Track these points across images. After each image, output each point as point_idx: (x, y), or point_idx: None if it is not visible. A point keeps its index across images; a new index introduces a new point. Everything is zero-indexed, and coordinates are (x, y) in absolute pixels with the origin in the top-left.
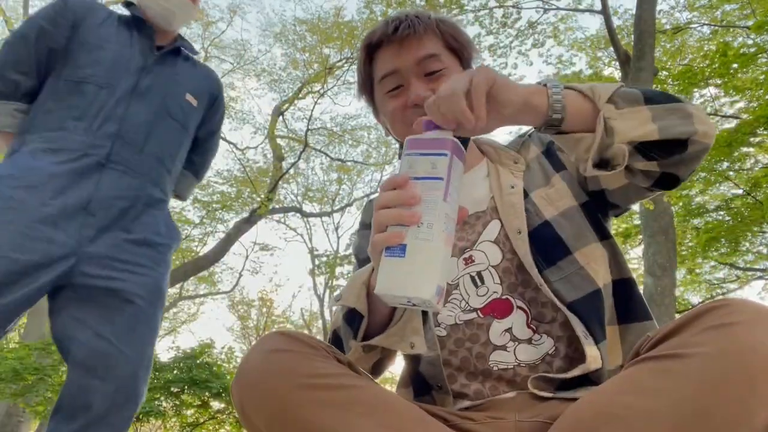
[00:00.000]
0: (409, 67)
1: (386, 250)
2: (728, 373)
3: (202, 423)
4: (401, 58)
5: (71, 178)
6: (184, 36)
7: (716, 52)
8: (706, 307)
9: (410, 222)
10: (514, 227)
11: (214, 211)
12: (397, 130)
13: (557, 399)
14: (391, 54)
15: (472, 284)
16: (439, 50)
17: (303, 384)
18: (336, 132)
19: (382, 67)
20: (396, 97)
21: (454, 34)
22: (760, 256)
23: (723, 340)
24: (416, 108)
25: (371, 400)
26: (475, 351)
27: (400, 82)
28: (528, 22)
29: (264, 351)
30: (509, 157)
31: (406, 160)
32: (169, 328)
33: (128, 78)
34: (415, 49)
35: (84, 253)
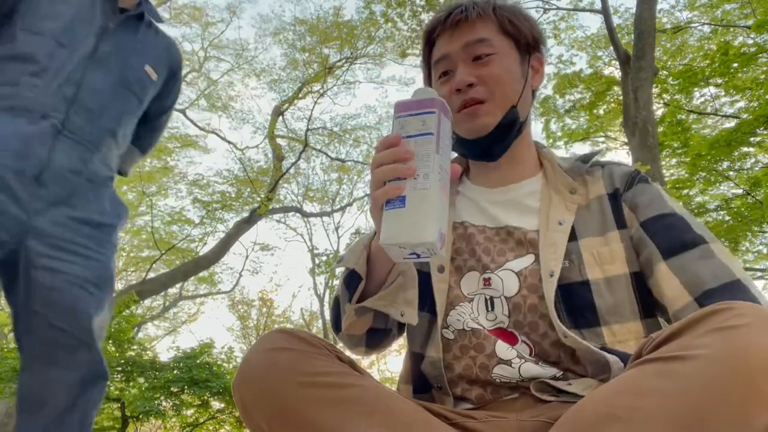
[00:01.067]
0: (457, 52)
1: (387, 203)
2: (730, 376)
3: (202, 423)
4: (451, 44)
5: (26, 143)
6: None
7: (717, 51)
8: (710, 310)
9: (407, 174)
10: (548, 268)
11: (214, 211)
12: None
13: (559, 401)
14: (443, 40)
15: (485, 307)
16: (491, 35)
17: (304, 382)
18: (336, 132)
19: (435, 53)
20: (446, 82)
21: (512, 19)
22: (760, 256)
23: (726, 342)
24: (458, 93)
25: (372, 399)
26: (479, 361)
27: (449, 67)
28: None
29: (265, 349)
30: (566, 185)
31: (397, 122)
32: (169, 328)
33: (88, 39)
34: (465, 34)
35: (33, 229)
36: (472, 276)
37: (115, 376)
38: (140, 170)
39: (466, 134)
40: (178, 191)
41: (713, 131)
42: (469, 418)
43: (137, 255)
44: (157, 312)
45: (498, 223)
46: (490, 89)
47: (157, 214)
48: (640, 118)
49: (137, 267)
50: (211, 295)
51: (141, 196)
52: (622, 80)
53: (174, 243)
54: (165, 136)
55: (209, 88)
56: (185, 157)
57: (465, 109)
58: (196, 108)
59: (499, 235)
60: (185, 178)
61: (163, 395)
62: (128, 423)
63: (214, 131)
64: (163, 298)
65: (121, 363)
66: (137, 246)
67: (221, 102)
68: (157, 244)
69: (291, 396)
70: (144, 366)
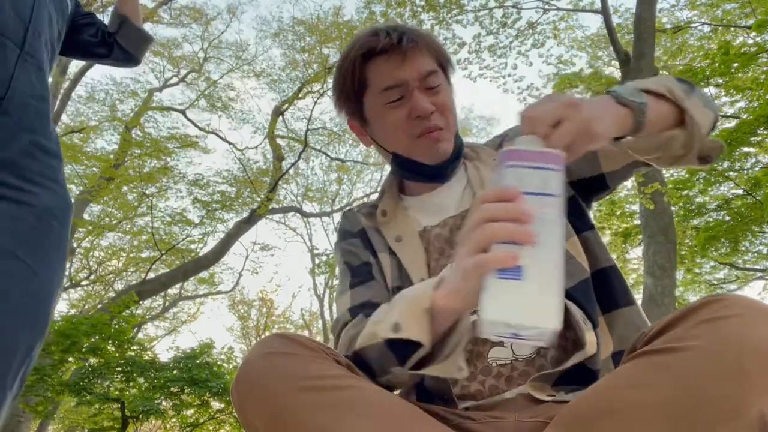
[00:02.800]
0: (414, 80)
1: (496, 272)
2: (722, 366)
3: (202, 423)
4: (406, 71)
5: None
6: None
7: (717, 51)
8: (701, 302)
9: (526, 240)
10: None
11: (214, 211)
12: (397, 140)
13: (556, 401)
14: (393, 65)
15: None
16: (435, 66)
17: (302, 386)
18: (336, 132)
19: (384, 77)
20: (397, 108)
21: (443, 53)
22: (760, 256)
23: (717, 333)
24: (418, 120)
25: (370, 402)
26: (475, 351)
27: (402, 94)
28: (528, 22)
29: (263, 353)
30: (489, 155)
31: (509, 172)
32: (169, 328)
33: None
34: (419, 63)
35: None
36: None
37: (115, 376)
38: (140, 171)
39: (427, 159)
40: (178, 191)
41: None
42: (467, 419)
43: (137, 255)
44: (157, 312)
45: (450, 211)
46: (446, 117)
47: (158, 215)
48: None
49: (137, 267)
50: (211, 295)
51: (141, 196)
52: (621, 80)
53: (174, 244)
54: (165, 136)
55: (209, 89)
56: (185, 157)
57: (428, 135)
58: (196, 108)
59: (455, 219)
60: (185, 178)
61: (163, 395)
62: (128, 423)
63: (214, 132)
64: (163, 298)
65: (121, 363)
66: (137, 246)
67: (221, 102)
68: (157, 245)
69: (288, 400)
70: (144, 366)
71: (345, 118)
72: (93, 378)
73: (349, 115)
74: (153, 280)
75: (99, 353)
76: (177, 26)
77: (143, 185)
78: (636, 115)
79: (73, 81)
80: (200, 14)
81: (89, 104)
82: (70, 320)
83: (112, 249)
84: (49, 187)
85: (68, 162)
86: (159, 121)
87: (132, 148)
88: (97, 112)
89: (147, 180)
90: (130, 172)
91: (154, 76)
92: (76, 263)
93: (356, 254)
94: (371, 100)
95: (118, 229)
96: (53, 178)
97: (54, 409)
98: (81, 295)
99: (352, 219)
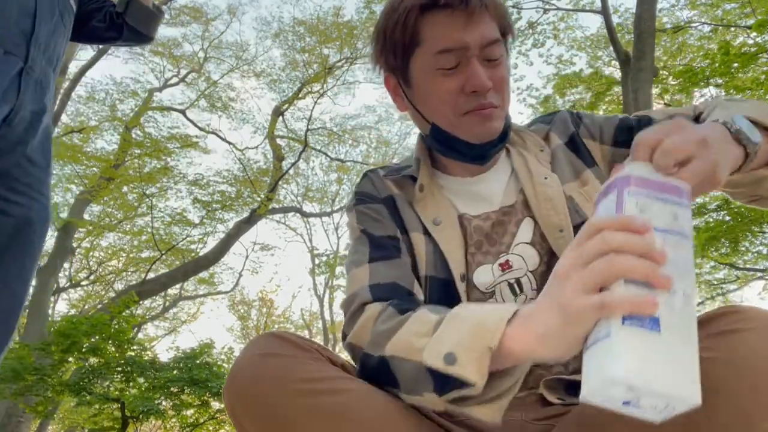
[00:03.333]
0: (476, 48)
1: (624, 319)
2: (734, 380)
3: (202, 423)
4: (469, 35)
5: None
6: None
7: (717, 51)
8: (715, 313)
9: (662, 285)
10: (554, 225)
11: (214, 211)
12: (442, 112)
13: (565, 404)
14: (456, 26)
15: (511, 293)
16: (499, 35)
17: (294, 389)
18: (336, 132)
19: (442, 38)
20: (450, 76)
21: (507, 18)
22: (760, 256)
23: (731, 346)
24: (473, 95)
25: (365, 405)
26: None
27: (459, 60)
28: (528, 22)
29: (255, 354)
30: (535, 144)
31: (631, 199)
32: (169, 328)
33: None
34: (485, 28)
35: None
36: (483, 270)
37: (115, 376)
38: (140, 171)
39: (473, 138)
40: (178, 191)
41: None
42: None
43: (137, 256)
44: (157, 312)
45: (493, 204)
46: (502, 95)
47: (158, 215)
48: None
49: (137, 267)
50: (211, 295)
51: (141, 197)
52: (622, 81)
53: (174, 244)
54: (165, 136)
55: (209, 89)
56: (185, 157)
57: (480, 112)
58: (196, 109)
59: (498, 214)
60: (185, 178)
61: (163, 395)
62: (128, 423)
63: (214, 132)
64: (163, 298)
65: (121, 363)
66: (137, 247)
67: (221, 102)
68: (157, 245)
69: (281, 402)
70: (144, 366)
71: (381, 73)
72: (93, 378)
73: (389, 71)
74: (153, 280)
75: (99, 353)
76: (177, 26)
77: (143, 185)
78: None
79: (73, 81)
80: (200, 14)
81: (89, 104)
82: (70, 320)
83: (112, 249)
84: (33, 197)
85: (68, 162)
86: (159, 121)
87: (132, 148)
88: (97, 112)
89: (147, 180)
90: (130, 172)
91: (154, 76)
92: (76, 263)
93: (380, 222)
94: (421, 61)
95: (118, 229)
96: (39, 190)
97: (54, 409)
98: (81, 295)
99: (377, 182)
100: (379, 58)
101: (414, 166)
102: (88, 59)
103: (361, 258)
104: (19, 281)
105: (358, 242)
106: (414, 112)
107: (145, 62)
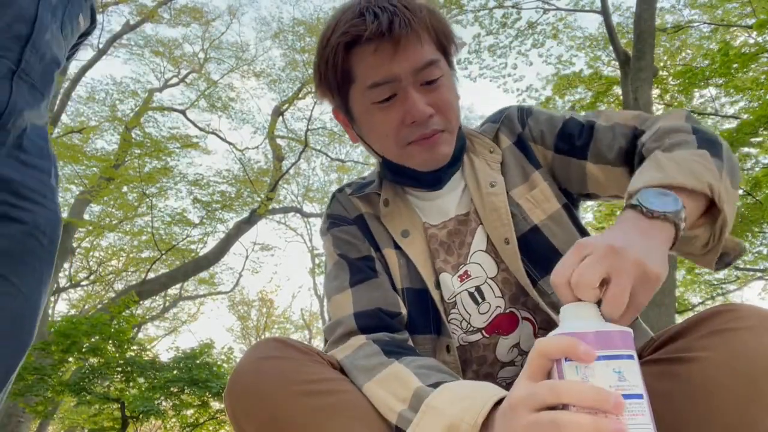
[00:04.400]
0: (407, 76)
1: None
2: (731, 379)
3: (202, 423)
4: (398, 64)
5: None
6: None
7: (717, 51)
8: (711, 311)
9: None
10: (500, 236)
11: (214, 211)
12: (386, 146)
13: None
14: (384, 57)
15: (472, 301)
16: (435, 53)
17: (295, 391)
18: (336, 132)
19: (371, 73)
20: (388, 109)
21: (445, 31)
22: (760, 256)
23: (727, 345)
24: (414, 125)
25: (364, 406)
26: (483, 372)
27: (394, 91)
28: (528, 22)
29: (256, 358)
30: (484, 146)
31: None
32: (169, 328)
33: None
34: (413, 54)
35: None
36: (445, 278)
37: (115, 376)
38: (140, 171)
39: (421, 166)
40: (178, 191)
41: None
42: None
43: (137, 256)
44: (157, 312)
45: (449, 214)
46: (446, 117)
47: (158, 215)
48: None
49: (137, 268)
50: (211, 295)
51: (141, 197)
52: (621, 81)
53: (174, 244)
54: (165, 136)
55: (209, 89)
56: (185, 157)
57: (424, 141)
58: (197, 109)
59: (453, 222)
60: (185, 178)
61: (163, 395)
62: (128, 423)
63: (215, 132)
64: (163, 298)
65: (121, 363)
66: (137, 247)
67: (221, 102)
68: (157, 245)
69: (282, 405)
70: (144, 366)
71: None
72: (93, 378)
73: (334, 106)
74: (153, 280)
75: (99, 353)
76: (177, 26)
77: (143, 185)
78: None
79: (73, 81)
80: (200, 14)
81: (89, 104)
82: (70, 320)
83: (112, 249)
84: (41, 203)
85: (68, 162)
86: (159, 122)
87: (132, 149)
88: (97, 112)
89: (147, 180)
90: (130, 173)
91: (155, 76)
92: (76, 263)
93: (354, 245)
94: (357, 97)
95: (118, 229)
96: (45, 194)
97: (54, 409)
98: (81, 295)
99: (345, 203)
100: (322, 95)
101: (377, 182)
102: (88, 59)
103: (342, 284)
104: (32, 286)
105: (336, 267)
106: (364, 144)
107: (146, 62)
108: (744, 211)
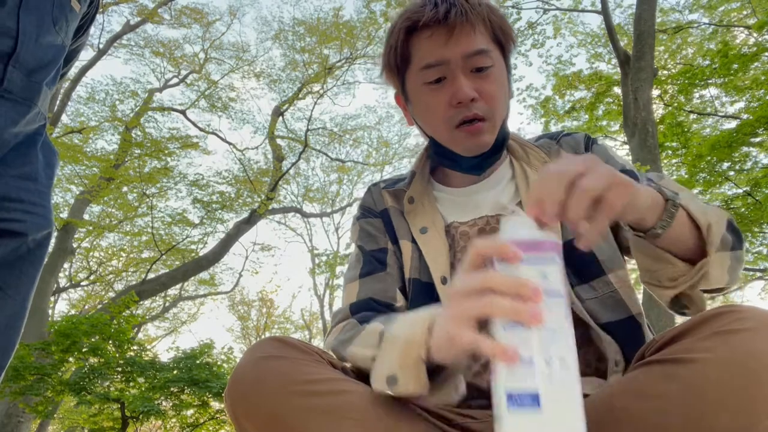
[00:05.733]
0: (456, 60)
1: (508, 399)
2: (733, 380)
3: (202, 423)
4: (450, 49)
5: None
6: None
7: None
8: (713, 312)
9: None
10: None
11: (214, 211)
12: (434, 126)
13: None
14: (438, 42)
15: None
16: (488, 44)
17: (295, 391)
18: (336, 132)
19: (425, 55)
20: (437, 90)
21: (503, 26)
22: (760, 256)
23: (729, 346)
24: (459, 107)
25: (365, 406)
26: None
27: (443, 74)
28: (528, 22)
29: (256, 358)
30: (539, 158)
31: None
32: (169, 328)
33: None
34: (465, 41)
35: None
36: None
37: (115, 376)
38: (140, 171)
39: (463, 151)
40: (178, 192)
41: (713, 131)
42: (469, 418)
43: (137, 256)
44: (157, 312)
45: (482, 212)
46: (491, 106)
47: (158, 216)
48: (640, 119)
49: (137, 268)
50: (211, 295)
51: (141, 197)
52: (621, 81)
53: (174, 244)
54: (165, 136)
55: (209, 89)
56: (185, 157)
57: (467, 126)
58: (197, 109)
59: (489, 223)
60: (185, 178)
61: (163, 395)
62: (128, 423)
63: (215, 132)
64: (163, 298)
65: (121, 363)
66: (137, 247)
67: (221, 103)
68: (157, 245)
69: (282, 405)
70: (144, 366)
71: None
72: (93, 378)
73: (395, 89)
74: (153, 280)
75: (99, 353)
76: (178, 27)
77: (143, 185)
78: (662, 218)
79: (73, 81)
80: (201, 15)
81: (89, 104)
82: (70, 320)
83: (112, 249)
84: (35, 212)
85: (68, 162)
86: (159, 122)
87: (132, 149)
88: (97, 112)
89: (147, 180)
90: (130, 173)
91: (155, 76)
92: (76, 263)
93: (374, 237)
94: (412, 78)
95: (118, 229)
96: (33, 202)
97: (54, 409)
98: (81, 295)
99: (376, 196)
100: (387, 80)
101: (407, 179)
102: (88, 59)
103: (354, 274)
104: (20, 294)
105: (354, 257)
106: (417, 127)
107: (146, 63)
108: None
